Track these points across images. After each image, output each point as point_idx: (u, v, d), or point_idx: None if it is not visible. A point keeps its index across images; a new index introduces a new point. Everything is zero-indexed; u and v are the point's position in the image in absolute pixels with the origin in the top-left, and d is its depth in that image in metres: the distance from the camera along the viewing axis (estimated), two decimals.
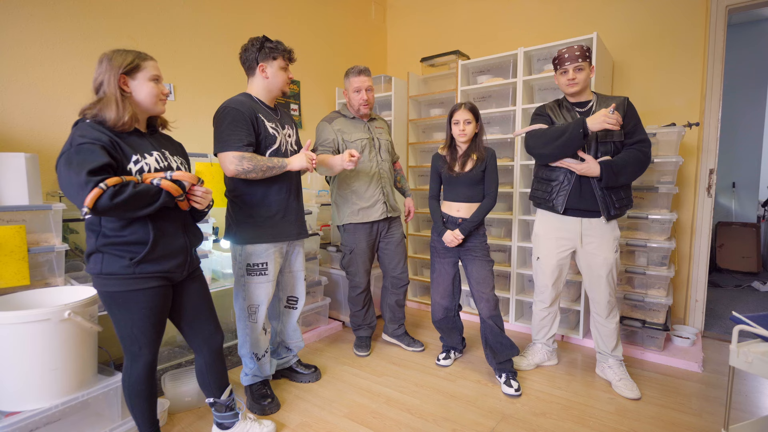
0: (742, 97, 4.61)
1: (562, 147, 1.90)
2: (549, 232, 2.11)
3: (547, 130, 1.97)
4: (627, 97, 1.99)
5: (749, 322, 1.38)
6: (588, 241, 2.03)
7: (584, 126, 1.83)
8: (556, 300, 2.21)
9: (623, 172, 1.88)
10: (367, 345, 2.47)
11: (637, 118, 1.95)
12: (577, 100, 2.01)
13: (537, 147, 1.99)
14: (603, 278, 2.01)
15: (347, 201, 2.33)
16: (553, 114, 2.02)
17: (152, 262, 1.29)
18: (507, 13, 3.33)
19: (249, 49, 1.79)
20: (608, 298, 2.03)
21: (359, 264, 2.38)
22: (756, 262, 4.43)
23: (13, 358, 1.38)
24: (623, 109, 1.92)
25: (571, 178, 1.97)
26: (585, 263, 2.07)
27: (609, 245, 2.00)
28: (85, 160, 1.13)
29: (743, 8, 2.58)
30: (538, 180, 2.13)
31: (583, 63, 1.92)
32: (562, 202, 2.00)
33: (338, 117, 2.35)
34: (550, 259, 2.11)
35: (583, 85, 1.96)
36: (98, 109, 1.24)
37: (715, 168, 2.65)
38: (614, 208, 1.95)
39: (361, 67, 2.27)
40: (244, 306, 1.86)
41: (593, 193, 1.95)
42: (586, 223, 2.02)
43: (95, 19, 2.18)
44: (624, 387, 1.98)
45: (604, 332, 2.09)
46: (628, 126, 1.92)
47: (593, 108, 1.98)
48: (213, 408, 1.59)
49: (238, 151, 1.67)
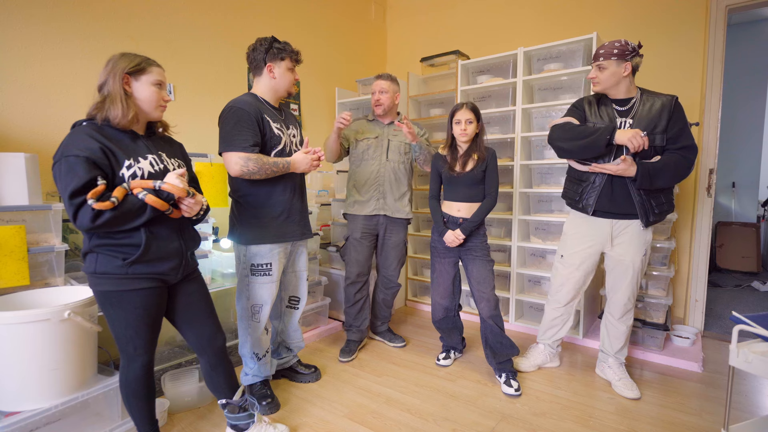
0: (742, 97, 4.61)
1: (583, 148, 1.84)
2: (578, 233, 2.06)
3: (575, 126, 1.90)
4: (676, 96, 1.85)
5: (749, 322, 1.38)
6: (618, 242, 1.96)
7: (612, 135, 1.78)
8: (572, 301, 2.15)
9: (660, 176, 1.78)
10: (351, 351, 2.45)
11: (684, 121, 1.82)
12: (617, 96, 1.90)
13: (558, 140, 1.93)
14: (627, 281, 1.97)
15: (350, 193, 2.47)
16: (590, 109, 1.94)
17: (145, 263, 1.29)
18: (507, 13, 3.33)
19: (257, 49, 1.78)
20: (625, 301, 1.99)
21: (351, 253, 2.45)
22: (756, 261, 4.43)
23: (12, 358, 1.38)
24: (669, 109, 1.81)
25: (602, 179, 1.90)
26: (611, 264, 2.02)
27: (638, 249, 1.93)
28: (70, 179, 1.15)
29: (743, 8, 2.58)
30: (569, 179, 2.07)
31: (606, 62, 1.83)
32: (592, 203, 1.93)
33: (361, 119, 2.50)
34: (573, 258, 2.06)
35: (607, 83, 1.86)
36: (105, 108, 1.25)
37: (715, 168, 2.65)
38: (653, 213, 1.87)
39: (381, 73, 2.41)
40: (247, 306, 1.86)
41: (628, 196, 1.87)
42: (618, 224, 1.95)
43: (96, 20, 2.18)
44: (623, 387, 1.98)
45: (614, 333, 2.06)
46: (672, 130, 1.80)
47: (635, 106, 1.87)
48: (226, 410, 1.56)
49: (244, 152, 1.67)
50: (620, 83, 1.86)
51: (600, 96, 1.96)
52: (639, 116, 1.85)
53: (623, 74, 1.84)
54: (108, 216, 1.16)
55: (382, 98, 2.36)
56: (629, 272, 1.96)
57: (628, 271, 1.96)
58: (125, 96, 1.27)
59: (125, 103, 1.26)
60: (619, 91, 1.89)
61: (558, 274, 2.15)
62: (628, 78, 1.86)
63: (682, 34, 2.66)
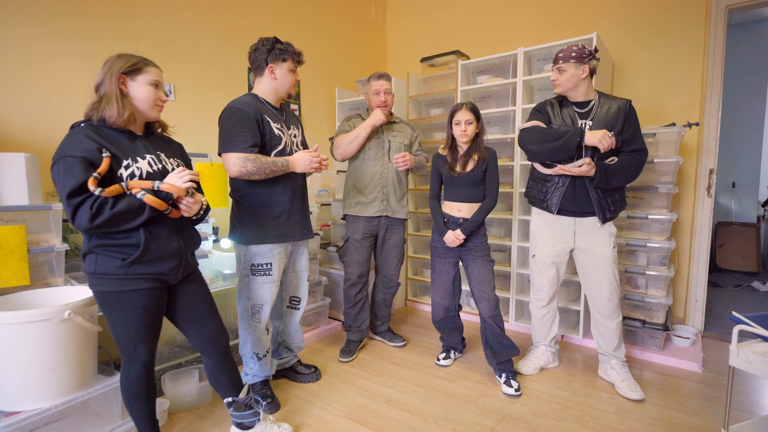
0: (742, 97, 4.61)
1: (555, 150, 1.91)
2: (544, 230, 2.13)
3: (544, 129, 1.97)
4: (630, 100, 1.96)
5: (749, 322, 1.38)
6: (582, 239, 2.04)
7: (582, 137, 1.86)
8: (553, 299, 2.20)
9: (615, 176, 1.90)
10: (352, 351, 2.46)
11: (637, 125, 1.94)
12: (577, 99, 2.00)
13: (530, 143, 1.99)
14: (603, 275, 2.00)
15: (350, 193, 2.45)
16: (552, 112, 2.02)
17: (145, 263, 1.29)
18: (507, 13, 3.32)
19: (259, 49, 1.78)
20: (609, 296, 2.02)
21: (352, 254, 2.45)
22: (756, 262, 4.43)
23: (13, 358, 1.38)
24: (624, 112, 1.91)
25: (565, 179, 1.98)
26: (582, 261, 2.07)
27: (605, 240, 2.00)
28: (68, 180, 1.16)
29: (743, 8, 2.58)
30: (533, 179, 2.14)
31: (565, 64, 1.91)
32: (556, 202, 2.02)
33: (357, 118, 2.46)
34: (545, 256, 2.13)
35: (567, 86, 1.95)
36: (101, 108, 1.25)
37: (714, 168, 2.65)
38: (609, 210, 1.98)
39: (381, 73, 2.39)
40: (247, 306, 1.86)
41: (587, 195, 1.97)
42: (579, 222, 2.03)
43: (96, 20, 2.18)
44: (627, 388, 1.97)
45: (605, 332, 2.08)
46: (627, 132, 1.91)
47: (594, 108, 1.97)
48: (231, 408, 1.57)
49: (243, 153, 1.67)
50: (579, 85, 1.95)
51: (561, 98, 2.05)
52: (597, 118, 1.94)
53: (581, 76, 1.93)
54: (106, 216, 1.16)
55: (388, 99, 2.36)
56: (603, 265, 2.00)
57: (601, 264, 2.00)
58: (121, 96, 1.27)
59: (121, 102, 1.27)
60: (578, 94, 1.98)
61: (535, 274, 2.20)
62: (586, 80, 1.95)
63: (682, 34, 2.66)
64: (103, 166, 1.19)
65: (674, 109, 2.72)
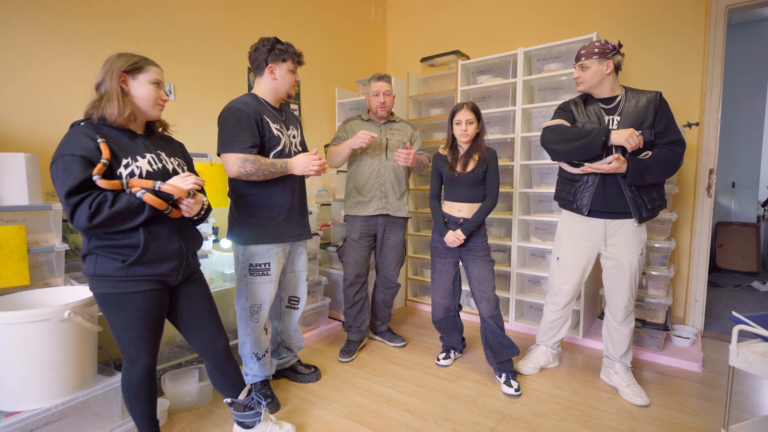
0: (742, 97, 4.61)
1: (580, 150, 1.84)
2: (572, 233, 2.05)
3: (568, 128, 1.90)
4: (660, 92, 1.87)
5: (749, 322, 1.38)
6: (612, 242, 1.95)
7: (608, 136, 1.79)
8: (570, 303, 2.14)
9: (651, 171, 1.79)
10: (351, 351, 2.45)
11: (670, 116, 1.83)
12: (602, 95, 1.91)
13: (553, 142, 1.93)
14: (625, 282, 1.95)
15: (351, 194, 2.45)
16: (576, 110, 1.95)
17: (145, 265, 1.28)
18: (507, 13, 3.32)
19: (259, 49, 1.78)
20: (626, 303, 1.97)
21: (350, 254, 2.45)
22: (756, 262, 4.43)
23: (13, 358, 1.38)
24: (655, 105, 1.82)
25: (595, 178, 1.90)
26: (609, 265, 2.00)
27: (634, 248, 1.92)
28: (66, 179, 1.15)
29: (743, 8, 2.58)
30: (561, 180, 2.07)
31: (587, 61, 1.85)
32: (587, 203, 1.93)
33: (356, 119, 2.47)
34: (570, 260, 2.06)
35: (590, 83, 1.88)
36: (102, 107, 1.25)
37: (714, 168, 2.65)
38: (646, 209, 1.86)
39: (381, 74, 2.39)
40: (246, 306, 1.86)
41: (621, 194, 1.87)
42: (611, 224, 1.94)
43: (96, 20, 2.18)
44: (632, 393, 1.94)
45: (617, 337, 2.03)
46: (659, 125, 1.81)
47: (621, 104, 1.88)
48: (231, 407, 1.58)
49: (242, 153, 1.67)
50: (604, 81, 1.88)
51: (585, 96, 1.98)
52: (626, 113, 1.86)
53: (606, 72, 1.86)
54: (106, 214, 1.16)
55: (387, 101, 2.37)
56: (627, 273, 1.94)
57: (625, 272, 1.94)
58: (122, 94, 1.27)
59: (121, 101, 1.26)
60: (603, 90, 1.91)
61: (556, 277, 2.14)
62: (611, 76, 1.88)
63: (682, 34, 2.66)
64: (105, 152, 1.19)
65: (674, 109, 2.69)
